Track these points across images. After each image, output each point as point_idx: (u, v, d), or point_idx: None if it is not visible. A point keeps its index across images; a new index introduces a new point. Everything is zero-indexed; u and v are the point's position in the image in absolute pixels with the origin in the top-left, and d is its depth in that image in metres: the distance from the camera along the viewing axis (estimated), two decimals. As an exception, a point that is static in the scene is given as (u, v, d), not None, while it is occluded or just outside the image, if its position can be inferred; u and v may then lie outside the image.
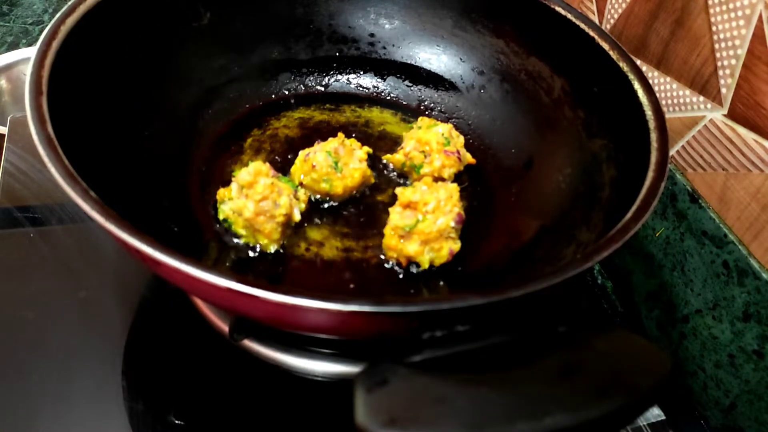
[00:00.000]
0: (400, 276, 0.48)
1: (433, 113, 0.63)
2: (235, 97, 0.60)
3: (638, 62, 0.55)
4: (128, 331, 0.51)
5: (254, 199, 0.46)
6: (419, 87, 0.64)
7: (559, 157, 0.53)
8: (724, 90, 0.49)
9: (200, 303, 0.50)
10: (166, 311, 0.53)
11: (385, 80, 0.64)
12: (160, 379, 0.49)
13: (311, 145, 0.53)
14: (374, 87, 0.64)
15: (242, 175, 0.47)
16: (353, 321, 0.32)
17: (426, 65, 0.64)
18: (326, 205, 0.52)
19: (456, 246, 0.47)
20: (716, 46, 0.49)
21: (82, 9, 0.46)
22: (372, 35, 0.64)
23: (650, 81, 0.50)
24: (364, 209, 0.53)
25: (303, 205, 0.49)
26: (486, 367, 0.30)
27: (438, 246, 0.47)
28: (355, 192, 0.53)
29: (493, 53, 0.60)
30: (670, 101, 0.55)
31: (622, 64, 0.49)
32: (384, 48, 0.64)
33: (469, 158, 0.56)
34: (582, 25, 0.52)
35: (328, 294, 0.31)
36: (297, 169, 0.52)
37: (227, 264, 0.47)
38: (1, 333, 0.50)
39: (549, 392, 0.29)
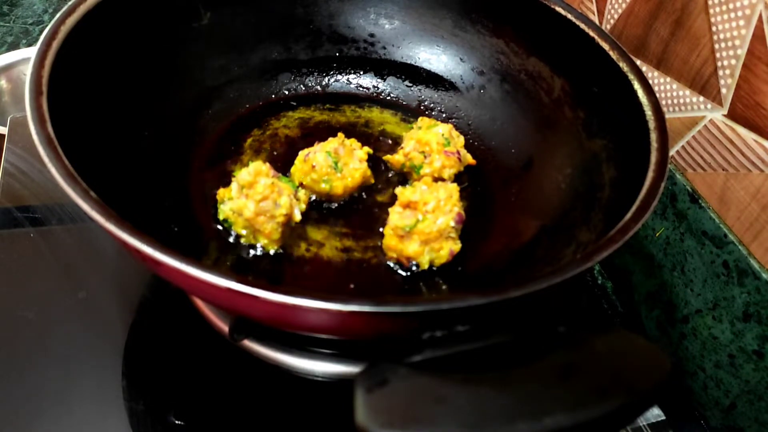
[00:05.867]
0: (400, 276, 0.48)
1: (433, 113, 0.63)
2: (235, 97, 0.60)
3: (638, 62, 0.55)
4: (128, 331, 0.51)
5: (254, 199, 0.46)
6: (419, 87, 0.64)
7: (559, 157, 0.53)
8: (724, 90, 0.49)
9: (200, 303, 0.50)
10: (166, 311, 0.53)
11: (385, 80, 0.64)
12: (160, 379, 0.49)
13: (311, 145, 0.53)
14: (374, 87, 0.64)
15: (242, 175, 0.47)
16: (353, 321, 0.32)
17: (426, 65, 0.64)
18: (326, 206, 0.52)
19: (456, 246, 0.47)
20: (716, 46, 0.49)
21: (82, 9, 0.46)
22: (372, 35, 0.64)
23: (650, 81, 0.50)
24: (364, 209, 0.53)
25: (303, 206, 0.49)
26: (486, 367, 0.30)
27: (438, 246, 0.46)
28: (355, 192, 0.53)
29: (493, 53, 0.60)
30: (670, 101, 0.55)
31: (622, 64, 0.49)
32: (384, 48, 0.64)
33: (469, 159, 0.56)
34: (582, 25, 0.52)
35: (328, 294, 0.31)
36: (297, 169, 0.52)
37: (227, 264, 0.47)
38: (1, 333, 0.50)
39: (549, 392, 0.29)
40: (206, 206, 0.51)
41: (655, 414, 0.52)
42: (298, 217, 0.48)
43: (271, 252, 0.48)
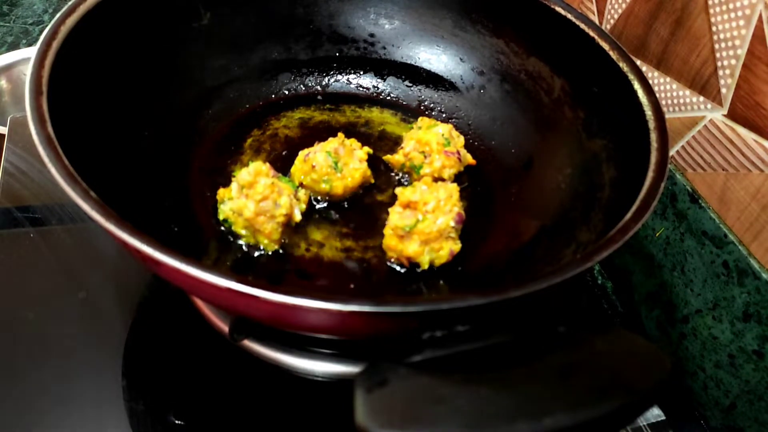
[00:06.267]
0: (400, 276, 0.48)
1: (433, 113, 0.63)
2: (235, 97, 0.60)
3: (638, 62, 0.55)
4: (128, 331, 0.51)
5: (254, 199, 0.46)
6: (419, 87, 0.64)
7: (559, 157, 0.53)
8: (724, 90, 0.49)
9: (200, 303, 0.50)
10: (166, 311, 0.53)
11: (385, 80, 0.64)
12: (160, 379, 0.49)
13: (311, 145, 0.53)
14: (374, 87, 0.64)
15: (242, 175, 0.47)
16: (353, 321, 0.32)
17: (426, 65, 0.64)
18: (326, 206, 0.52)
19: (456, 247, 0.47)
20: (716, 46, 0.49)
21: (82, 9, 0.46)
22: (372, 35, 0.64)
23: (650, 81, 0.50)
24: (364, 209, 0.53)
25: (303, 206, 0.49)
26: (486, 367, 0.30)
27: (438, 246, 0.46)
28: (355, 192, 0.53)
29: (493, 53, 0.60)
30: (670, 101, 0.55)
31: (622, 64, 0.49)
32: (384, 48, 0.64)
33: (469, 159, 0.56)
34: (582, 25, 0.52)
35: (328, 294, 0.31)
36: (297, 169, 0.52)
37: (227, 264, 0.47)
38: (1, 333, 0.50)
39: (549, 392, 0.29)
40: (206, 206, 0.51)
41: (655, 414, 0.52)
42: (298, 217, 0.48)
43: (271, 252, 0.48)
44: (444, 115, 0.62)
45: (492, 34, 0.60)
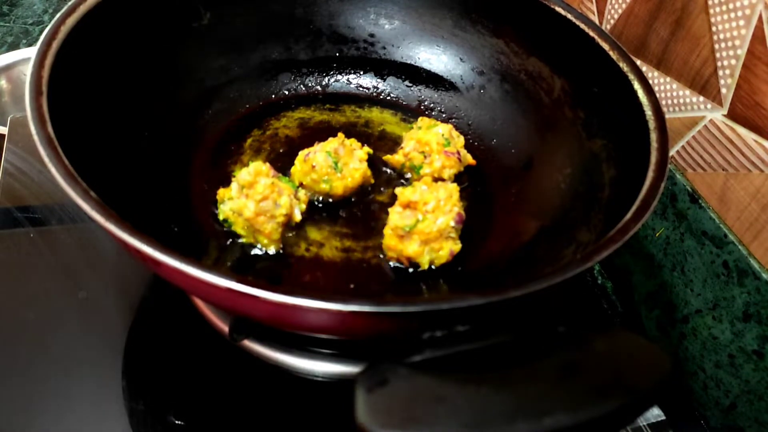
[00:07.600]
0: (400, 276, 0.48)
1: (433, 113, 0.63)
2: (235, 97, 0.60)
3: (638, 62, 0.55)
4: (128, 331, 0.51)
5: (254, 199, 0.46)
6: (419, 87, 0.64)
7: (559, 158, 0.53)
8: (724, 90, 0.49)
9: (200, 303, 0.50)
10: (166, 311, 0.53)
11: (385, 80, 0.64)
12: (160, 379, 0.49)
13: (311, 145, 0.53)
14: (374, 87, 0.64)
15: (242, 175, 0.47)
16: (353, 321, 0.32)
17: (426, 65, 0.64)
18: (326, 206, 0.52)
19: (456, 247, 0.47)
20: (716, 46, 0.49)
21: (82, 9, 0.46)
22: (372, 35, 0.64)
23: (650, 81, 0.50)
24: (364, 209, 0.53)
25: (303, 206, 0.49)
26: (486, 367, 0.30)
27: (438, 246, 0.46)
28: (355, 192, 0.53)
29: (493, 53, 0.60)
30: (670, 101, 0.55)
31: (622, 64, 0.49)
32: (384, 48, 0.64)
33: (469, 159, 0.56)
34: (582, 25, 0.52)
35: (328, 294, 0.31)
36: (297, 169, 0.52)
37: (227, 264, 0.47)
38: (1, 333, 0.50)
39: (549, 392, 0.29)
40: (206, 206, 0.51)
41: (655, 414, 0.52)
42: (298, 217, 0.48)
43: (271, 252, 0.48)
44: (444, 115, 0.62)
45: (492, 34, 0.60)
